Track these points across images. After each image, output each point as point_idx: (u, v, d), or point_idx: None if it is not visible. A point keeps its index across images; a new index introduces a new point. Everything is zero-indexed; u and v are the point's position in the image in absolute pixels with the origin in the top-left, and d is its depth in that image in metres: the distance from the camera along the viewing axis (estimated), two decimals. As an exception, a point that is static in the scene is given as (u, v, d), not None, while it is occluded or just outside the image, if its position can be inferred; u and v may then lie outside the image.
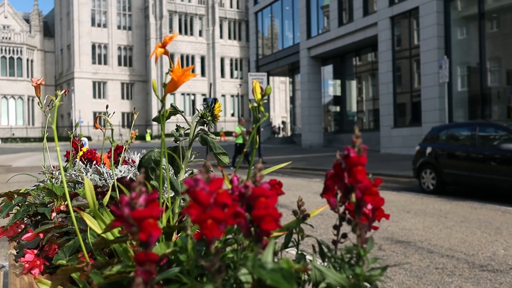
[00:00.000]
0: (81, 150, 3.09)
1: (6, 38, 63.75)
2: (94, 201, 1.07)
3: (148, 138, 60.64)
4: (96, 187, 1.71)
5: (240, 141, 19.38)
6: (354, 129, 0.84)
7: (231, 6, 70.68)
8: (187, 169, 1.49)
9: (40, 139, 59.63)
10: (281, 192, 0.87)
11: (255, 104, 1.05)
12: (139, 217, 0.66)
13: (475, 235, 6.66)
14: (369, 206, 0.78)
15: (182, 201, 1.27)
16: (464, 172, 10.51)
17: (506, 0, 19.81)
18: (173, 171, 1.43)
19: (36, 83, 1.77)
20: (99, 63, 65.88)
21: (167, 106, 1.24)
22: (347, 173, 0.77)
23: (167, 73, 1.14)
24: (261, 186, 0.73)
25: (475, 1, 20.46)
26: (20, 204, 1.75)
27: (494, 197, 10.28)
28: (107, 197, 1.34)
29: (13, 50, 64.13)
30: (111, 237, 0.99)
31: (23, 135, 63.28)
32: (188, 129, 1.38)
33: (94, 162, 2.92)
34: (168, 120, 1.24)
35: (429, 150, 11.57)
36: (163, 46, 1.12)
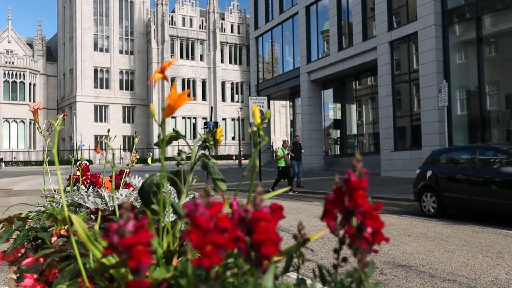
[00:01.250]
0: (85, 173, 3.10)
1: (9, 62, 64.26)
2: (87, 233, 1.06)
3: (149, 161, 60.66)
4: (96, 211, 1.71)
5: (282, 164, 18.37)
6: (355, 153, 0.84)
7: (232, 31, 71.38)
8: (188, 193, 1.50)
9: (41, 163, 59.43)
10: (282, 216, 0.87)
11: (255, 128, 1.06)
12: (127, 245, 0.65)
13: (477, 259, 6.61)
14: (369, 230, 0.79)
15: (183, 225, 1.28)
16: (465, 196, 10.48)
17: (504, 25, 20.01)
18: (175, 194, 1.43)
19: (33, 108, 1.79)
20: (101, 87, 66.29)
21: (169, 130, 1.25)
22: (348, 197, 0.78)
23: (167, 98, 1.16)
24: (261, 210, 0.73)
25: (473, 26, 20.66)
26: (20, 229, 1.75)
27: (495, 220, 10.23)
28: (96, 226, 1.35)
29: (16, 74, 64.58)
30: (112, 261, 0.99)
31: (24, 159, 63.29)
32: (190, 153, 1.39)
33: (96, 185, 2.93)
34: (170, 143, 1.25)
35: (429, 173, 11.55)
36: (162, 71, 1.14)
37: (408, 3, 23.72)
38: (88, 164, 3.17)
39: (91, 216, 1.75)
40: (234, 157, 54.94)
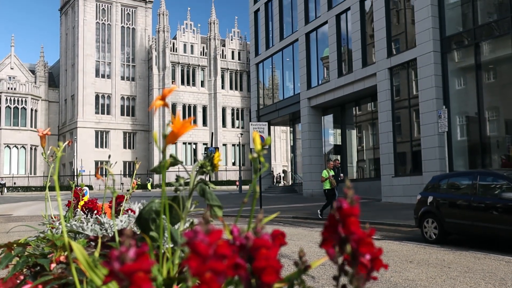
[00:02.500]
0: (82, 200, 3.10)
1: (11, 88, 64.69)
2: (87, 260, 1.06)
3: (149, 187, 60.56)
4: (96, 238, 1.71)
5: (327, 186, 17.22)
6: (345, 179, 0.85)
7: (232, 58, 72.02)
8: (187, 219, 1.49)
9: (41, 188, 59.47)
10: (284, 242, 0.87)
11: (255, 155, 1.07)
12: (128, 272, 0.65)
13: (480, 286, 6.54)
14: (368, 257, 0.79)
15: (182, 252, 1.27)
16: (466, 222, 10.42)
17: (502, 52, 20.20)
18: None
19: (42, 133, 1.80)
20: (102, 112, 66.58)
21: (168, 156, 1.25)
22: (341, 224, 0.78)
23: (167, 124, 1.17)
24: (262, 237, 0.73)
25: (472, 53, 20.85)
26: (19, 255, 1.74)
27: (497, 246, 10.15)
28: (96, 253, 1.34)
29: (18, 100, 64.94)
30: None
31: (24, 184, 63.16)
32: (189, 178, 1.39)
33: (95, 211, 2.92)
34: (169, 169, 1.25)
35: (430, 199, 11.51)
36: (162, 98, 1.15)
37: (407, 30, 23.99)
38: (81, 188, 3.17)
39: (91, 242, 1.75)
40: (237, 183, 55.00)
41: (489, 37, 20.34)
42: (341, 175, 18.55)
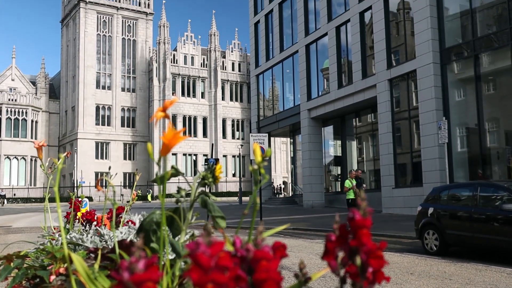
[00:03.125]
0: (80, 211, 3.09)
1: (12, 100, 64.85)
2: (87, 272, 1.06)
3: (149, 198, 60.46)
4: (96, 250, 1.70)
5: (351, 196, 16.96)
6: (360, 191, 0.85)
7: (233, 69, 72.26)
8: (187, 231, 1.49)
9: (41, 200, 59.37)
10: (285, 254, 0.86)
11: (256, 167, 1.07)
12: (138, 281, 0.66)
13: (482, 298, 6.50)
14: (370, 269, 0.78)
15: (183, 263, 1.27)
16: (467, 233, 10.39)
17: (501, 63, 20.27)
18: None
19: (38, 145, 1.80)
20: (103, 124, 66.68)
21: (169, 167, 1.25)
22: (352, 235, 0.78)
23: (162, 137, 1.17)
24: (262, 249, 0.73)
25: (471, 64, 20.92)
26: (19, 267, 1.73)
27: (499, 258, 10.10)
28: (96, 265, 1.34)
29: (19, 112, 65.07)
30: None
31: (24, 196, 63.08)
32: (190, 190, 1.39)
33: (95, 223, 2.91)
34: (170, 180, 1.25)
35: (431, 210, 11.48)
36: (164, 109, 1.15)
37: (407, 41, 24.09)
38: (81, 200, 3.16)
39: (90, 254, 1.74)
40: (239, 195, 55.06)
41: (489, 49, 20.42)
42: (364, 185, 18.32)
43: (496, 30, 20.29)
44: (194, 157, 67.21)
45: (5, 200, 57.02)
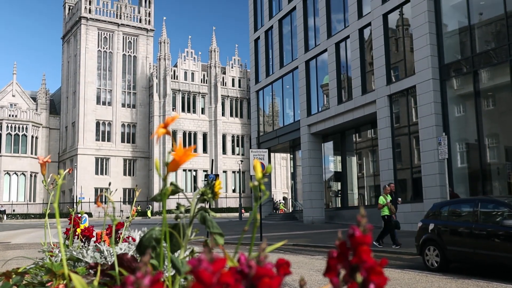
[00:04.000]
0: (79, 227, 3.08)
1: (12, 115, 64.97)
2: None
3: (149, 214, 60.23)
4: (95, 265, 1.69)
5: (386, 212, 16.32)
6: (360, 208, 0.84)
7: (233, 85, 72.52)
8: (187, 247, 1.48)
9: (41, 216, 59.16)
10: (289, 272, 0.86)
11: (256, 183, 1.06)
12: None
13: (484, 315, 6.44)
14: (371, 286, 0.78)
15: (183, 280, 1.26)
16: (468, 249, 10.33)
17: (500, 79, 20.35)
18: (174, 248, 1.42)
19: (42, 160, 1.80)
20: (103, 139, 66.72)
21: (169, 183, 1.25)
22: (352, 252, 0.78)
23: (169, 152, 1.17)
24: (265, 266, 0.72)
25: (470, 80, 21.01)
26: (18, 284, 1.72)
27: (500, 274, 10.04)
28: (96, 281, 1.33)
29: (19, 127, 65.15)
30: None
31: (23, 211, 62.86)
32: (189, 206, 1.39)
33: (93, 239, 2.90)
34: (169, 196, 1.25)
35: (431, 226, 11.44)
36: (165, 126, 1.15)
37: (406, 57, 24.22)
38: (80, 216, 3.15)
39: (90, 270, 1.73)
40: (243, 211, 55.12)
41: (488, 65, 20.52)
42: (399, 199, 17.52)
43: (495, 46, 20.41)
44: (194, 173, 67.14)
45: (5, 216, 56.80)
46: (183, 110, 68.14)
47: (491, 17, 21.05)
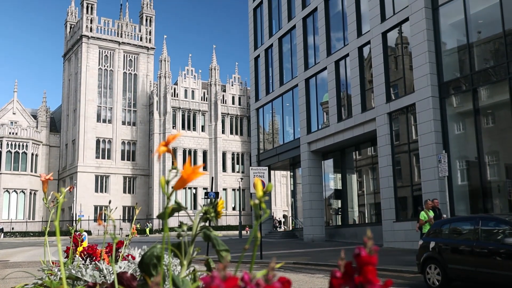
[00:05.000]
0: (81, 245, 3.07)
1: (12, 133, 65.06)
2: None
3: (147, 232, 59.88)
4: (94, 285, 1.69)
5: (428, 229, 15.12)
6: (367, 231, 0.85)
7: (233, 103, 72.73)
8: (189, 265, 1.48)
9: (40, 234, 58.86)
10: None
11: (257, 201, 1.07)
12: None
13: (486, 335, 6.38)
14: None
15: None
16: (469, 268, 10.27)
17: (499, 97, 20.42)
18: (176, 266, 1.42)
19: (45, 178, 1.80)
20: (103, 157, 66.72)
21: (172, 202, 1.26)
22: (357, 272, 0.78)
23: (170, 170, 1.18)
24: (272, 285, 0.73)
25: (469, 98, 21.07)
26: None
27: (502, 294, 9.96)
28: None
29: (19, 145, 65.18)
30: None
31: (22, 229, 62.56)
32: (191, 224, 1.39)
33: (94, 257, 2.89)
34: (171, 215, 1.25)
35: (432, 244, 11.38)
36: (166, 144, 1.16)
37: (405, 75, 24.34)
38: (80, 234, 3.14)
39: (90, 289, 1.72)
40: (247, 229, 54.92)
41: (487, 83, 20.61)
42: (444, 215, 16.17)
43: (494, 64, 20.52)
44: (194, 191, 66.99)
45: (2, 234, 56.50)
46: (183, 127, 68.26)
47: (489, 35, 21.20)
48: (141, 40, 71.94)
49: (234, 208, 68.66)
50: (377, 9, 25.86)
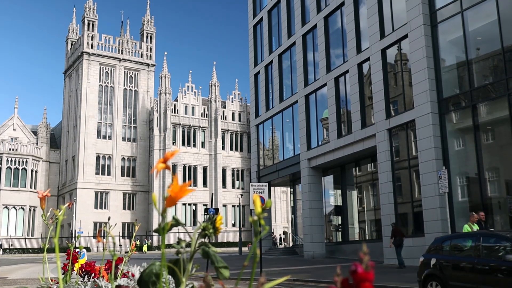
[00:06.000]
0: (78, 262, 3.05)
1: (13, 149, 65.08)
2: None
3: (145, 249, 59.44)
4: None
5: None
6: (362, 246, 0.85)
7: (233, 119, 72.87)
8: (187, 283, 1.48)
9: (39, 250, 58.56)
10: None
11: (256, 218, 1.07)
12: None
13: None
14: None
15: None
16: (471, 285, 10.19)
17: (499, 113, 20.46)
18: (174, 284, 1.42)
19: (42, 194, 1.80)
20: (103, 173, 66.64)
21: (169, 217, 1.26)
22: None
23: (168, 187, 1.18)
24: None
25: (469, 114, 21.10)
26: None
27: (504, 311, 9.87)
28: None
29: (19, 161, 65.14)
30: None
31: (21, 246, 62.25)
32: (190, 241, 1.39)
33: (93, 274, 2.87)
34: (169, 230, 1.25)
35: (433, 261, 11.32)
36: (165, 161, 1.16)
37: (405, 92, 24.42)
38: (78, 250, 3.13)
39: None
40: (249, 245, 54.71)
41: (486, 99, 20.66)
42: (491, 229, 15.39)
43: (493, 80, 20.60)
44: (193, 207, 66.78)
45: (1, 250, 56.18)
46: (183, 144, 68.31)
47: (488, 52, 21.31)
48: (141, 56, 72.33)
49: (234, 225, 68.40)
50: (376, 26, 26.04)
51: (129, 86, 70.96)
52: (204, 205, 65.98)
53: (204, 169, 69.00)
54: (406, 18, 23.90)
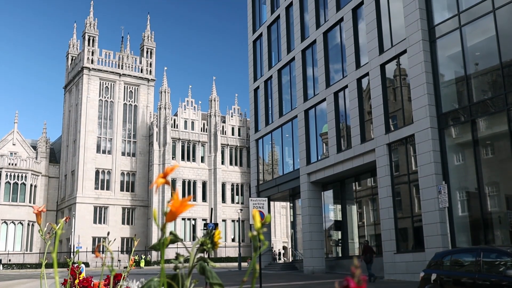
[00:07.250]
0: (77, 278, 3.03)
1: (12, 164, 64.98)
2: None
3: (142, 264, 58.98)
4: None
5: None
6: (354, 259, 0.85)
7: (232, 134, 72.93)
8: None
9: (37, 265, 58.22)
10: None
11: (255, 233, 1.07)
12: None
13: None
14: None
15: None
16: (473, 301, 10.13)
17: (498, 128, 20.49)
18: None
19: (37, 210, 1.79)
20: (102, 188, 66.50)
21: (168, 233, 1.25)
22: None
23: (168, 202, 1.17)
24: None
25: (468, 129, 21.14)
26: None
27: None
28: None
29: (18, 176, 65.01)
30: None
31: (19, 261, 61.87)
32: (188, 256, 1.38)
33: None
34: (168, 246, 1.25)
35: (434, 276, 11.26)
36: (164, 176, 1.16)
37: (404, 106, 24.48)
38: (78, 266, 3.11)
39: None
40: (248, 260, 54.49)
41: (485, 114, 20.71)
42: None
43: (492, 95, 20.67)
44: (193, 222, 66.53)
45: (1, 265, 55.84)
46: (182, 158, 68.27)
47: (487, 67, 21.41)
48: (141, 71, 72.61)
49: (233, 240, 68.09)
50: (375, 41, 26.20)
51: (129, 101, 71.13)
52: (203, 220, 65.75)
53: (204, 184, 68.89)
54: (405, 34, 24.05)
